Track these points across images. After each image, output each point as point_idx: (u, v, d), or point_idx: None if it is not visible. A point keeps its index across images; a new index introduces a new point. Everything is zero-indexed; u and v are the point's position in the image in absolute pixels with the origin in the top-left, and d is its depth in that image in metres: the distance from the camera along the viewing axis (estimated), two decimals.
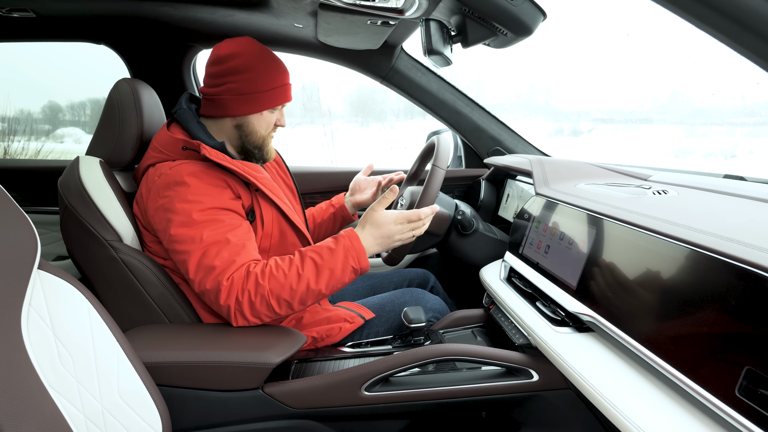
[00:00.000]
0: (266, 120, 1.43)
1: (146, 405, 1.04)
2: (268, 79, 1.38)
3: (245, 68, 1.36)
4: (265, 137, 1.45)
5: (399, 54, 2.13)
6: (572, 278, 1.11)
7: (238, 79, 1.36)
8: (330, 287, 1.25)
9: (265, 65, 1.38)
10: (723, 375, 0.70)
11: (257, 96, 1.38)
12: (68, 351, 0.94)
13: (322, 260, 1.25)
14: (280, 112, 1.47)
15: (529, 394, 1.20)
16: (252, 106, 1.39)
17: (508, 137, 2.28)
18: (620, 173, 1.57)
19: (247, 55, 1.37)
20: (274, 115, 1.45)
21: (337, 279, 1.25)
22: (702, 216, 0.95)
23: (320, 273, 1.23)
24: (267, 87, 1.38)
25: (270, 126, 1.45)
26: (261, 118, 1.42)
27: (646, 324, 0.87)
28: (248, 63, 1.36)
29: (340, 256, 1.25)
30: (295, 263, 1.24)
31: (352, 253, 1.26)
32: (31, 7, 1.77)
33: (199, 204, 1.26)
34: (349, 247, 1.27)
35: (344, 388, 1.20)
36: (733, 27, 0.47)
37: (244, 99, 1.38)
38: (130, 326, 1.31)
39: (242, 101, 1.38)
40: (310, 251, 1.27)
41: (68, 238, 1.35)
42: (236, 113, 1.40)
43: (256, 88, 1.37)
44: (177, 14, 1.83)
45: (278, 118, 1.46)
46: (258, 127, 1.43)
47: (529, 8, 1.14)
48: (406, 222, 1.34)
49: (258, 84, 1.37)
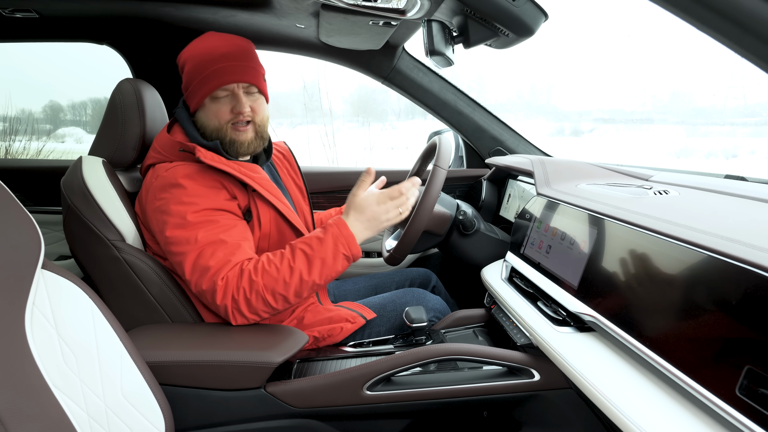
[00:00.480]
0: (212, 111, 1.36)
1: (149, 404, 1.04)
2: (200, 67, 1.34)
3: (185, 62, 1.37)
4: (219, 128, 1.37)
5: (401, 54, 2.14)
6: (573, 278, 1.11)
7: (183, 76, 1.38)
8: (323, 277, 1.25)
9: (198, 53, 1.35)
10: (723, 374, 0.70)
11: (193, 87, 1.36)
12: (72, 350, 0.94)
13: (312, 251, 1.25)
14: (234, 98, 1.36)
15: (530, 393, 1.20)
16: (192, 100, 1.38)
17: (510, 137, 2.29)
18: (621, 173, 1.57)
19: (189, 49, 1.37)
20: (222, 104, 1.36)
21: (329, 268, 1.25)
22: (703, 216, 0.95)
23: (312, 263, 1.24)
24: (199, 75, 1.34)
25: (221, 116, 1.36)
26: (207, 110, 1.37)
27: (647, 324, 0.87)
28: (187, 56, 1.36)
29: (329, 244, 1.26)
30: (287, 256, 1.25)
31: (342, 241, 1.27)
32: (34, 7, 1.77)
33: (193, 206, 1.27)
34: (338, 235, 1.27)
35: (346, 388, 1.20)
36: (734, 29, 0.48)
37: (188, 95, 1.39)
38: (132, 325, 1.32)
39: (188, 97, 1.39)
40: (300, 243, 1.28)
41: (71, 237, 1.35)
42: (191, 111, 1.41)
43: (190, 80, 1.36)
44: (179, 15, 1.83)
45: (233, 105, 1.35)
46: (206, 120, 1.38)
47: (531, 9, 1.14)
48: (388, 200, 1.33)
49: (192, 75, 1.35)
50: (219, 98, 1.36)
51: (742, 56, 0.49)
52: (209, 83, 1.34)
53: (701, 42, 0.54)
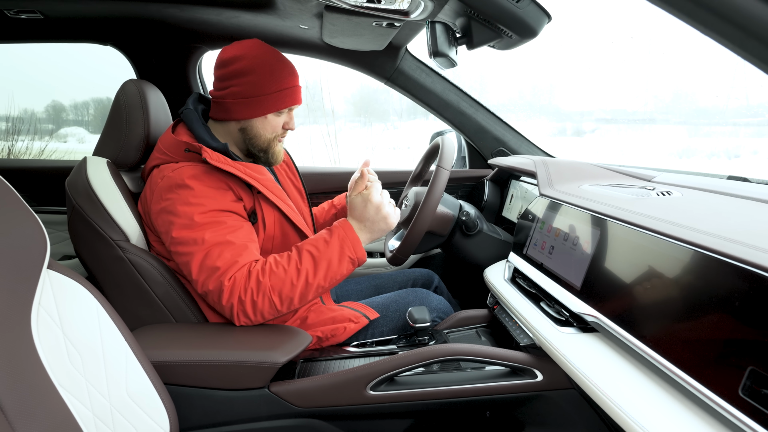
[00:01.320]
0: (271, 124, 1.41)
1: (154, 403, 1.05)
2: (271, 82, 1.36)
3: (248, 71, 1.35)
4: (270, 141, 1.44)
5: (404, 55, 2.14)
6: (576, 279, 1.12)
7: (240, 82, 1.36)
8: (329, 279, 1.26)
9: (268, 68, 1.36)
10: (726, 375, 0.71)
11: (260, 99, 1.37)
12: (77, 350, 0.94)
13: (319, 252, 1.26)
14: (289, 115, 1.45)
15: (533, 393, 1.21)
16: (255, 110, 1.38)
17: (512, 138, 2.29)
18: (624, 174, 1.57)
19: (250, 58, 1.36)
20: (280, 119, 1.43)
21: (335, 270, 1.26)
22: (706, 217, 0.95)
23: (318, 265, 1.25)
24: (270, 90, 1.37)
25: (276, 129, 1.43)
26: (265, 122, 1.41)
27: (650, 324, 0.87)
28: (251, 66, 1.35)
29: (336, 246, 1.27)
30: (294, 258, 1.26)
31: (348, 243, 1.28)
32: (38, 8, 1.78)
33: (200, 207, 1.27)
34: (344, 237, 1.28)
35: (350, 388, 1.20)
36: (736, 33, 0.48)
37: (247, 102, 1.37)
38: (136, 325, 1.32)
39: (245, 105, 1.37)
40: (307, 244, 1.28)
41: (76, 237, 1.36)
42: (240, 117, 1.39)
43: (259, 91, 1.36)
44: (183, 15, 1.84)
45: (286, 121, 1.44)
46: (262, 131, 1.42)
47: (534, 11, 1.15)
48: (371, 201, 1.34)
49: (261, 87, 1.36)
50: (281, 113, 1.42)
51: (746, 60, 0.49)
52: (284, 100, 1.40)
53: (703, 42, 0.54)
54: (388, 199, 1.37)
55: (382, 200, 1.34)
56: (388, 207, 1.35)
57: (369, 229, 1.34)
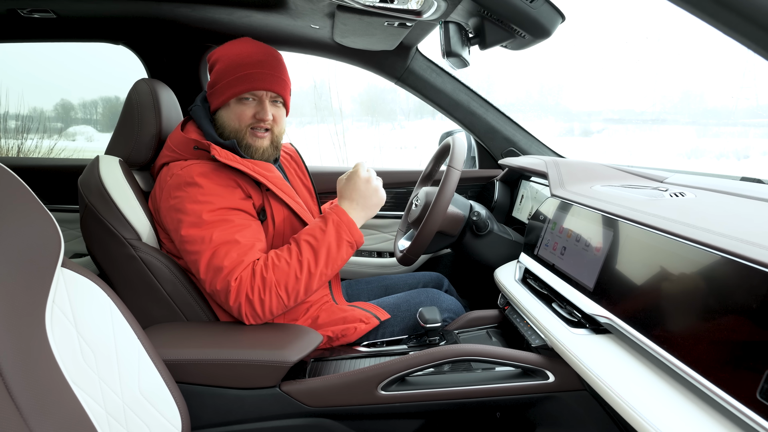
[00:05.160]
0: (235, 112, 1.39)
1: (166, 402, 1.05)
2: (232, 68, 1.36)
3: (217, 61, 1.39)
4: (238, 131, 1.39)
5: (414, 55, 2.14)
6: (589, 280, 1.11)
7: (212, 73, 1.40)
8: (330, 266, 1.28)
9: (234, 55, 1.37)
10: (744, 378, 0.70)
11: (221, 85, 1.38)
12: (91, 348, 0.95)
13: (317, 241, 1.27)
14: (259, 104, 1.39)
15: (544, 395, 1.20)
16: (217, 97, 1.40)
17: (522, 138, 2.28)
18: (636, 175, 1.56)
19: (224, 50, 1.39)
20: (246, 107, 1.38)
21: (334, 256, 1.28)
22: (721, 219, 0.94)
23: (318, 254, 1.26)
24: (230, 76, 1.37)
25: (243, 118, 1.39)
26: (229, 110, 1.40)
27: (665, 326, 0.87)
28: (221, 55, 1.39)
29: (332, 232, 1.28)
30: (293, 249, 1.27)
31: (344, 227, 1.30)
32: (51, 7, 1.79)
33: (209, 204, 1.28)
34: (339, 222, 1.30)
35: (361, 387, 1.20)
36: (761, 34, 0.48)
37: (212, 92, 1.41)
38: (148, 324, 1.33)
39: (212, 95, 1.41)
40: (304, 234, 1.30)
41: (88, 236, 1.37)
42: (212, 108, 1.43)
43: (220, 78, 1.38)
44: (195, 15, 1.84)
45: (257, 111, 1.39)
46: (227, 120, 1.40)
47: (548, 11, 1.15)
48: (371, 179, 1.39)
49: (222, 74, 1.38)
50: (245, 101, 1.38)
51: None
52: (240, 85, 1.36)
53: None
54: (374, 174, 1.40)
55: (369, 174, 1.38)
56: (376, 181, 1.39)
57: (362, 206, 1.36)
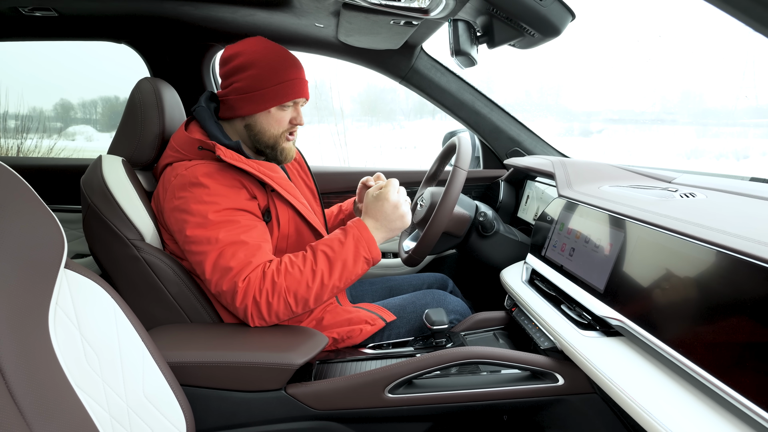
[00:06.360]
0: (275, 118, 1.39)
1: (171, 405, 1.04)
2: (272, 75, 1.34)
3: (248, 65, 1.34)
4: (276, 137, 1.41)
5: (419, 54, 2.12)
6: (599, 282, 1.10)
7: (242, 77, 1.35)
8: (344, 280, 1.25)
9: (268, 61, 1.34)
10: (761, 380, 0.69)
11: (261, 93, 1.35)
12: (94, 350, 0.93)
13: (334, 253, 1.25)
14: (295, 110, 1.41)
15: (554, 398, 1.19)
16: (257, 104, 1.36)
17: (527, 138, 2.27)
18: (643, 175, 1.55)
19: (250, 53, 1.35)
20: (285, 113, 1.39)
21: (350, 271, 1.25)
22: (733, 219, 0.93)
23: (333, 266, 1.23)
24: (271, 83, 1.34)
25: (282, 124, 1.40)
26: (269, 117, 1.38)
27: (679, 329, 0.86)
28: (251, 59, 1.34)
29: (351, 247, 1.25)
30: (309, 258, 1.25)
31: (363, 243, 1.27)
32: (53, 6, 1.77)
33: (214, 205, 1.26)
34: (359, 237, 1.27)
35: (367, 390, 1.19)
36: None
37: (249, 97, 1.36)
38: (152, 325, 1.31)
39: (248, 100, 1.36)
40: (322, 245, 1.27)
41: (91, 236, 1.35)
42: (243, 113, 1.38)
43: (259, 84, 1.34)
44: (198, 14, 1.83)
45: (293, 116, 1.41)
46: (267, 126, 1.39)
47: (558, 9, 1.13)
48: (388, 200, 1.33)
49: (262, 80, 1.34)
50: (285, 107, 1.39)
51: None
52: (286, 92, 1.36)
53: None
54: (404, 197, 1.36)
55: (399, 199, 1.33)
56: (405, 206, 1.34)
57: (384, 228, 1.32)
